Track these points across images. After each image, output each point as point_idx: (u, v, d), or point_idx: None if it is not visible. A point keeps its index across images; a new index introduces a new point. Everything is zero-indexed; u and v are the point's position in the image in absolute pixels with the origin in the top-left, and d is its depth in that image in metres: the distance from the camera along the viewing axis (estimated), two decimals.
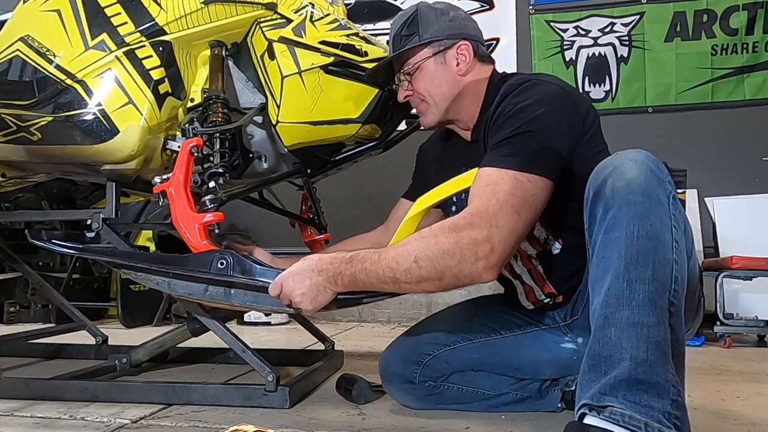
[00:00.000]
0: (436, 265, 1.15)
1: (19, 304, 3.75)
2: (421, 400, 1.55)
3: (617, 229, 1.01)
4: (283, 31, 1.63)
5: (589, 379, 0.99)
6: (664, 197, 1.03)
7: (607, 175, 1.05)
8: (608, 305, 1.00)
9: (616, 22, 3.82)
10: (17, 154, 1.68)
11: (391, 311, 3.81)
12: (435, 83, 1.42)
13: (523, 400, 1.55)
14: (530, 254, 1.43)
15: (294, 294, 1.26)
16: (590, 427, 0.96)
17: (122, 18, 1.57)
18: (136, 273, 1.56)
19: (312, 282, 1.25)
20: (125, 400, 1.64)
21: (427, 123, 1.49)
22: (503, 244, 1.15)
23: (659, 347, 0.96)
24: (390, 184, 1.68)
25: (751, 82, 3.65)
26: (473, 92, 1.42)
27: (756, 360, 2.50)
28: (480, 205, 1.17)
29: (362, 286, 1.24)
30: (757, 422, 1.49)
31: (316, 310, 1.28)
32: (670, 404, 0.95)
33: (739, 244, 3.27)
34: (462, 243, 1.14)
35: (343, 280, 1.24)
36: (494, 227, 1.14)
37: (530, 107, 1.24)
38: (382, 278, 1.19)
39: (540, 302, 1.48)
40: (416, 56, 1.43)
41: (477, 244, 1.14)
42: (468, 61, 1.41)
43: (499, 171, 1.19)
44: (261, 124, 1.77)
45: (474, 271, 1.15)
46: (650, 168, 1.04)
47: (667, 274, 0.99)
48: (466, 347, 1.52)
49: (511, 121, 1.25)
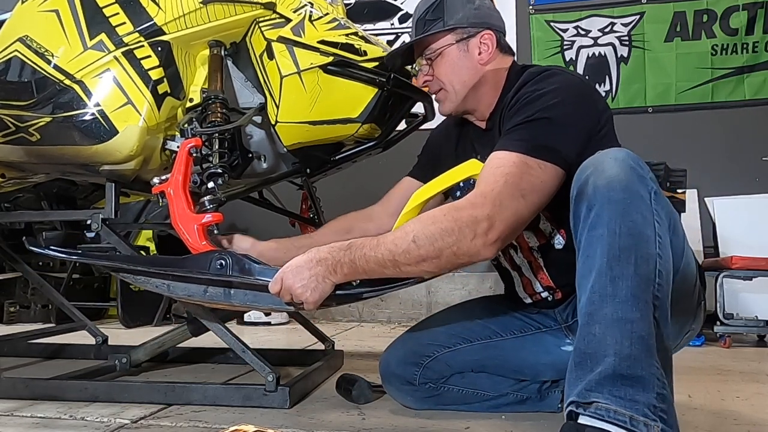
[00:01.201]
0: (434, 243, 1.14)
1: (19, 304, 3.75)
2: (421, 401, 1.55)
3: (600, 227, 1.02)
4: (282, 30, 1.63)
5: (575, 376, 1.00)
6: (645, 193, 1.03)
7: (589, 174, 1.06)
8: (592, 303, 1.00)
9: (616, 22, 3.81)
10: (16, 154, 1.68)
11: (391, 311, 3.81)
12: (456, 70, 1.42)
13: (524, 401, 1.55)
14: (532, 246, 1.43)
15: (294, 287, 1.24)
16: (577, 425, 0.97)
17: (121, 18, 1.57)
18: (135, 276, 1.56)
19: (311, 273, 1.23)
20: (125, 400, 1.64)
21: (444, 110, 1.49)
22: (504, 224, 1.14)
23: (643, 341, 0.97)
24: (390, 184, 1.68)
25: (751, 82, 3.65)
26: (492, 82, 1.42)
27: (756, 360, 2.50)
28: (486, 187, 1.16)
29: (362, 273, 1.22)
30: (757, 422, 1.49)
31: (317, 303, 1.25)
32: (655, 397, 0.95)
33: (739, 244, 3.27)
34: (461, 221, 1.13)
35: (342, 269, 1.21)
36: (496, 206, 1.13)
37: (548, 95, 1.24)
38: (381, 262, 1.18)
39: (538, 295, 1.47)
40: (439, 42, 1.42)
41: (476, 221, 1.13)
42: (490, 50, 1.41)
43: (510, 154, 1.19)
44: (260, 124, 1.77)
45: (472, 247, 1.14)
46: (630, 165, 1.04)
47: (650, 269, 1.00)
48: (466, 349, 1.52)
49: (527, 107, 1.24)
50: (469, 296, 3.31)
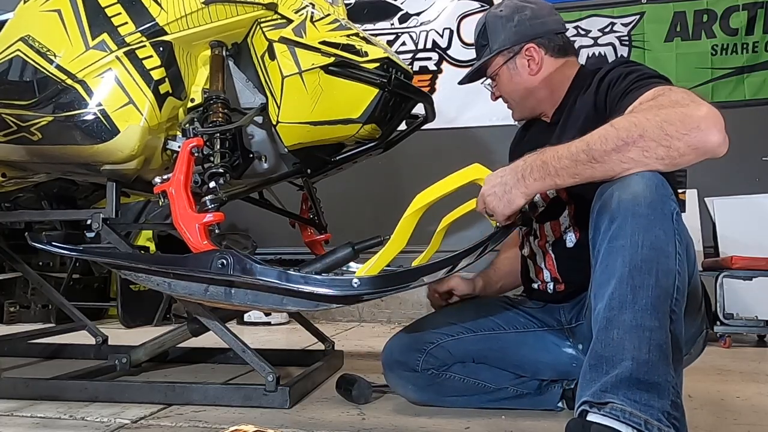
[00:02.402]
0: (639, 124, 1.04)
1: (19, 304, 3.75)
2: (422, 390, 1.56)
3: (622, 238, 1.03)
4: (283, 31, 1.63)
5: (590, 378, 1.00)
6: (668, 212, 1.05)
7: (615, 188, 1.07)
8: (612, 308, 1.01)
9: (616, 22, 3.82)
10: (17, 154, 1.68)
11: (391, 311, 3.81)
12: (512, 86, 1.55)
13: (523, 396, 1.56)
14: (548, 239, 1.50)
15: (485, 195, 1.20)
16: (592, 423, 0.97)
17: (123, 18, 1.57)
18: (137, 274, 1.56)
19: (501, 180, 1.17)
20: (125, 400, 1.64)
21: (515, 118, 1.64)
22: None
23: (661, 350, 0.98)
24: (390, 184, 1.68)
25: (751, 82, 3.65)
26: (551, 85, 1.51)
27: (756, 360, 2.51)
28: (663, 101, 1.10)
29: (553, 174, 1.10)
30: (757, 422, 1.49)
31: (504, 214, 1.18)
32: (670, 405, 0.96)
33: (739, 244, 3.27)
34: (681, 108, 1.05)
35: (532, 173, 1.13)
36: (705, 103, 1.06)
37: (646, 68, 1.31)
38: (574, 154, 1.08)
39: (544, 284, 1.53)
40: (492, 66, 1.57)
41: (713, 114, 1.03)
42: (538, 61, 1.51)
43: (655, 90, 1.16)
44: (261, 124, 1.78)
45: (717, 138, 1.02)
46: (656, 184, 1.05)
47: (669, 283, 1.02)
48: (469, 338, 1.54)
49: (629, 76, 1.26)
50: None
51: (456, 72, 3.93)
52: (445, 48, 4.00)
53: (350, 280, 1.36)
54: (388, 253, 1.36)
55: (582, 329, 1.46)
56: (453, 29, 4.00)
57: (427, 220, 1.33)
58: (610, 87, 1.31)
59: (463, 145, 3.74)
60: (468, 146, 3.75)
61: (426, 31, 4.03)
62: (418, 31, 4.04)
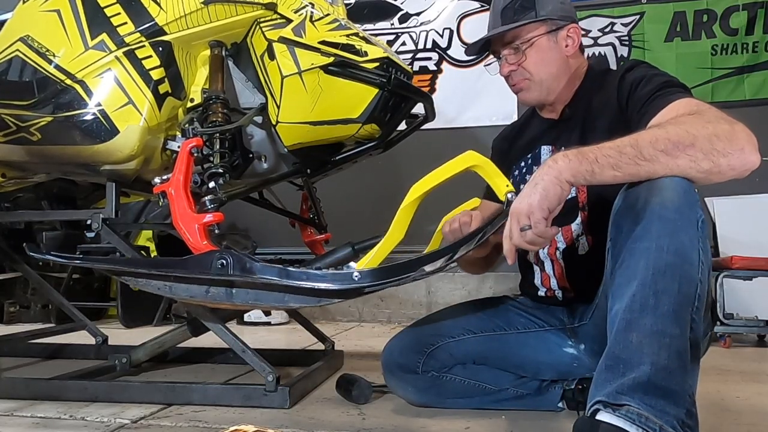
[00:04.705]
0: (690, 130, 1.04)
1: (19, 304, 3.75)
2: (422, 392, 1.56)
3: (646, 240, 1.02)
4: (283, 31, 1.63)
5: (605, 378, 0.99)
6: (695, 219, 1.03)
7: (641, 189, 1.06)
8: (632, 311, 1.00)
9: (616, 22, 3.81)
10: (17, 154, 1.68)
11: (391, 311, 3.81)
12: (545, 61, 1.45)
13: (523, 397, 1.56)
14: (558, 246, 1.46)
15: (516, 208, 1.09)
16: (602, 423, 0.96)
17: (122, 18, 1.57)
18: (137, 279, 1.56)
19: (526, 189, 1.09)
20: (125, 400, 1.64)
21: (528, 99, 1.52)
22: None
23: (680, 357, 0.97)
24: (390, 184, 1.68)
25: (751, 82, 3.65)
26: (574, 74, 1.48)
27: (756, 360, 2.50)
28: (706, 116, 1.09)
29: (591, 160, 1.05)
30: (757, 422, 1.49)
31: (545, 207, 1.06)
32: (685, 413, 0.95)
33: (739, 244, 3.27)
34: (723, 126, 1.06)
35: (566, 156, 1.07)
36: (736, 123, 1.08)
37: (667, 73, 1.30)
38: (619, 146, 1.05)
39: (552, 291, 1.51)
40: (532, 32, 1.44)
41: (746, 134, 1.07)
42: (576, 43, 1.47)
43: (687, 101, 1.16)
44: (261, 124, 1.77)
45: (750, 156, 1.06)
46: (685, 189, 1.04)
47: (691, 291, 1.00)
48: (470, 340, 1.53)
49: (657, 78, 1.27)
50: (469, 296, 3.31)
51: (456, 72, 3.93)
52: (445, 48, 3.99)
53: (351, 274, 1.37)
54: (387, 244, 1.37)
55: (585, 329, 1.45)
56: (453, 29, 4.00)
57: (427, 220, 1.33)
58: (632, 88, 1.30)
59: (463, 145, 3.69)
60: (468, 146, 3.68)
61: (426, 31, 4.03)
62: (418, 31, 4.04)
